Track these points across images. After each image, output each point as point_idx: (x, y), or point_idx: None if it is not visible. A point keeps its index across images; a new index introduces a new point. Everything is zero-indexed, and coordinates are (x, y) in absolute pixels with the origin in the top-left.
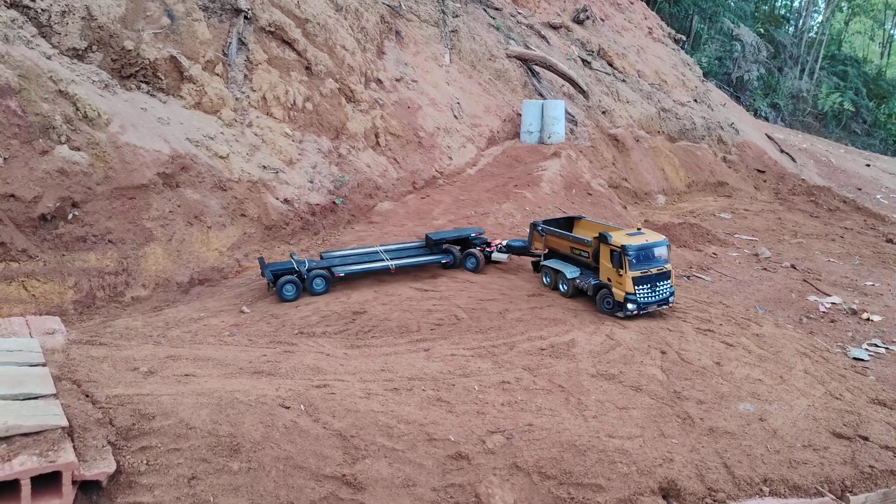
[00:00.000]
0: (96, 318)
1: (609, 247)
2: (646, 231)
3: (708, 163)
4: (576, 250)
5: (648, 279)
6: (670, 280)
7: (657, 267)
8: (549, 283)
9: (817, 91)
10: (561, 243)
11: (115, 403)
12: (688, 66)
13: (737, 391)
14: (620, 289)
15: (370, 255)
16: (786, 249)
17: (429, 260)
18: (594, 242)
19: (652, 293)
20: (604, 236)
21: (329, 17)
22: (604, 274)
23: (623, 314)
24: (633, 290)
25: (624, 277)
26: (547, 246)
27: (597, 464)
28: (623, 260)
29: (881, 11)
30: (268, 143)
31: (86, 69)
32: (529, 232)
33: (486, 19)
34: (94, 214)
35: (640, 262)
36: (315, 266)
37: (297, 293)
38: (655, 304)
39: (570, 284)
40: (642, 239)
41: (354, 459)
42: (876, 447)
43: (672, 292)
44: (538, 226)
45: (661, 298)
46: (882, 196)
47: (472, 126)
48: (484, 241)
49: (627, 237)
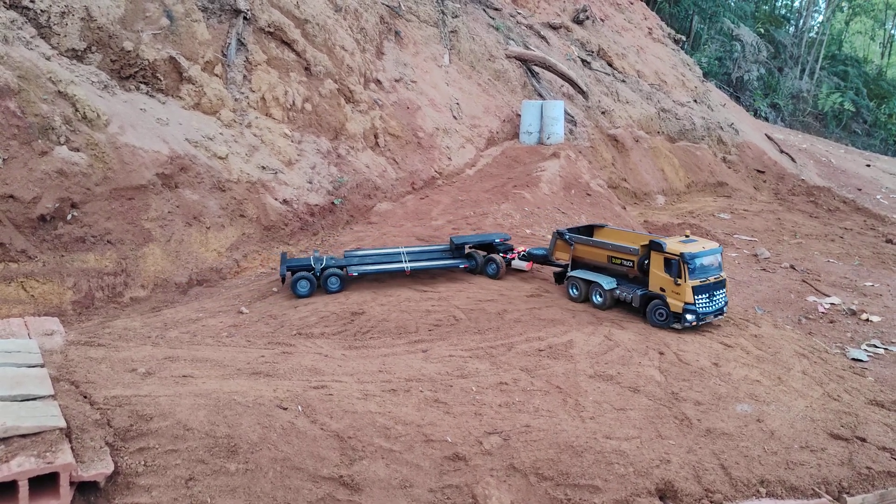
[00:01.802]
0: (95, 318)
1: (664, 255)
2: (697, 238)
3: (707, 163)
4: (616, 259)
5: (707, 288)
6: (725, 289)
7: (714, 275)
8: (577, 294)
9: (817, 91)
10: (595, 252)
11: (114, 404)
12: (687, 67)
13: (734, 392)
14: (678, 299)
15: (392, 256)
16: (785, 250)
17: (446, 264)
18: (641, 250)
19: (710, 303)
20: (657, 244)
21: (328, 18)
22: (655, 284)
23: (681, 325)
24: (692, 299)
25: (682, 287)
26: (574, 255)
27: (594, 465)
28: (682, 268)
29: (882, 11)
30: (267, 144)
31: (85, 70)
32: (552, 241)
33: (485, 20)
34: (93, 215)
35: (699, 271)
36: (331, 264)
37: (311, 290)
38: (713, 315)
39: (607, 296)
40: (699, 246)
41: (352, 460)
42: (873, 448)
43: (726, 301)
44: (565, 234)
45: (717, 308)
46: (882, 196)
47: (471, 126)
48: (509, 247)
49: (683, 245)
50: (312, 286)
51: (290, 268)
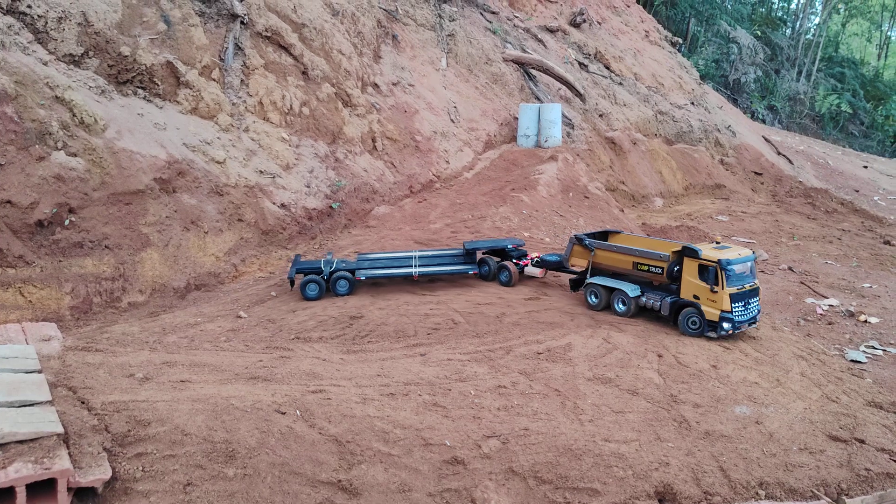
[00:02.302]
0: (93, 323)
1: (699, 261)
2: (730, 244)
3: (705, 165)
4: (642, 266)
5: (742, 296)
6: (759, 297)
7: (749, 283)
8: (597, 302)
9: (814, 93)
10: (618, 258)
11: (111, 410)
12: (684, 69)
13: (733, 394)
14: (714, 307)
15: (404, 261)
16: (783, 252)
17: (455, 269)
18: (672, 256)
19: (745, 311)
20: (691, 250)
21: (325, 22)
22: (687, 291)
23: (716, 334)
24: (729, 307)
25: (719, 295)
26: (593, 261)
27: (593, 468)
28: (720, 276)
29: (878, 13)
30: (265, 148)
31: (82, 75)
32: (568, 246)
33: (482, 23)
34: (91, 220)
35: (734, 278)
36: (339, 267)
37: (320, 293)
38: (747, 323)
39: (632, 303)
40: (734, 253)
41: (350, 465)
42: (872, 450)
43: (759, 310)
44: (584, 240)
45: (751, 317)
46: (879, 198)
47: (468, 130)
48: (522, 253)
49: (719, 251)
50: (321, 289)
51: (299, 270)
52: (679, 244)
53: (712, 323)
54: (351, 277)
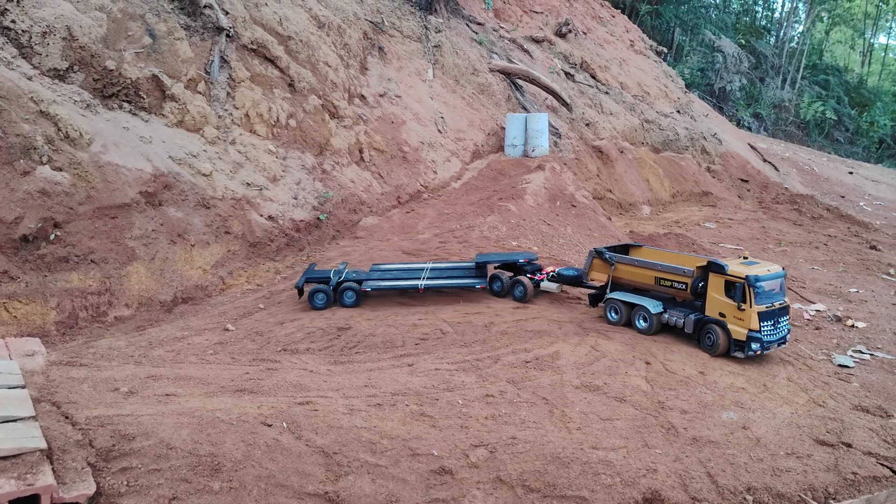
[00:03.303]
0: (79, 338)
1: (725, 277)
2: (759, 260)
3: (692, 173)
4: (665, 281)
5: (772, 315)
6: (789, 316)
7: (779, 301)
8: (617, 318)
9: (799, 100)
10: (639, 273)
11: (95, 424)
12: (670, 78)
13: (720, 400)
14: (741, 325)
15: (415, 272)
16: (770, 258)
17: (461, 283)
18: (697, 272)
19: (774, 330)
20: (718, 265)
21: (312, 35)
22: (713, 308)
23: (743, 354)
24: (758, 326)
25: (747, 313)
26: (614, 276)
27: (580, 476)
28: (748, 293)
29: (861, 21)
30: (251, 160)
31: (67, 89)
32: (588, 260)
33: (468, 34)
34: (77, 234)
35: (763, 296)
36: (349, 278)
37: (328, 303)
38: (776, 343)
39: (653, 320)
40: (763, 269)
41: (337, 476)
42: (859, 454)
43: (789, 329)
44: (604, 254)
45: (781, 337)
46: (865, 203)
47: (456, 140)
48: (536, 267)
49: (747, 267)
50: (329, 299)
51: (309, 279)
52: (704, 259)
53: (739, 342)
54: (357, 288)
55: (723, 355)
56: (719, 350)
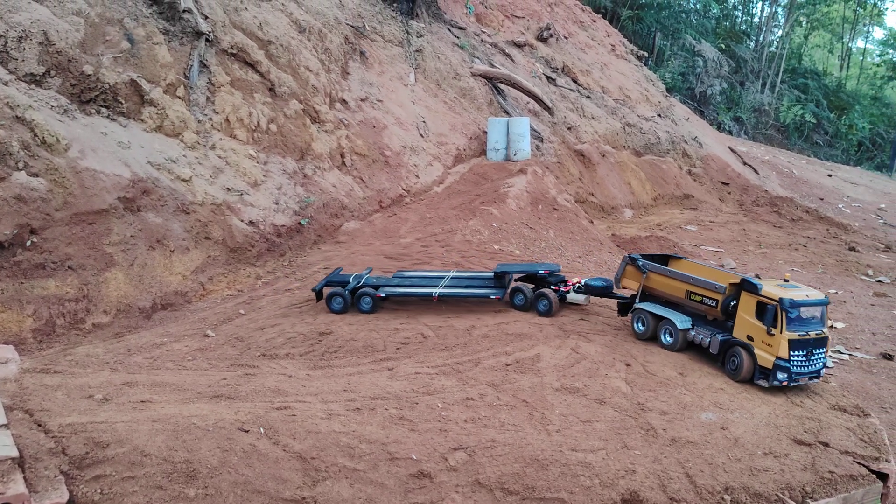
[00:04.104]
0: (56, 346)
1: (758, 298)
2: (800, 284)
3: (673, 176)
4: (695, 296)
5: (805, 344)
6: (826, 349)
7: (815, 331)
8: (643, 330)
9: (779, 104)
10: (671, 284)
11: (69, 432)
12: (651, 82)
13: (699, 401)
14: (769, 352)
15: (435, 280)
16: (751, 260)
17: (477, 293)
18: (729, 289)
19: (806, 362)
20: (751, 284)
21: (292, 39)
22: (741, 330)
23: (767, 383)
24: (787, 355)
25: (776, 338)
26: (645, 285)
27: (560, 477)
28: (779, 317)
29: (839, 25)
30: (232, 165)
31: (44, 94)
32: (621, 266)
33: (450, 39)
34: (54, 241)
35: (798, 323)
36: (369, 283)
37: (345, 307)
38: (807, 377)
39: (679, 336)
40: (802, 294)
41: (315, 481)
42: (836, 452)
43: (825, 363)
44: (637, 260)
45: (814, 370)
46: (844, 205)
47: (438, 144)
48: (560, 279)
49: (783, 289)
50: (346, 304)
51: (328, 283)
52: (738, 277)
53: (765, 370)
54: (374, 294)
55: (745, 382)
56: (741, 375)
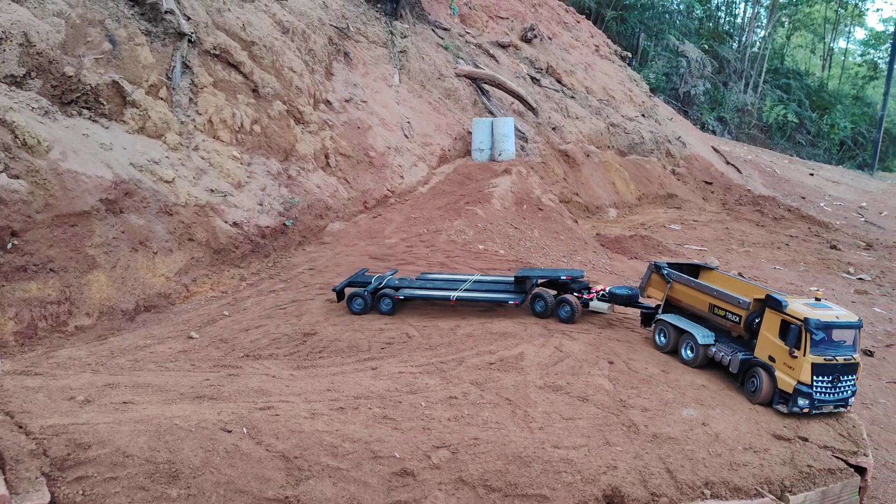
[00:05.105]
0: (38, 348)
1: (782, 316)
2: (831, 304)
3: (657, 176)
4: (719, 310)
5: (831, 369)
6: (857, 375)
7: (844, 356)
8: (664, 343)
9: (762, 104)
10: (695, 296)
11: (50, 434)
12: (634, 82)
13: (681, 397)
14: (790, 375)
15: (456, 283)
16: (734, 258)
17: (494, 298)
18: (754, 305)
19: (832, 389)
20: (775, 300)
21: (276, 40)
22: (763, 349)
23: (787, 409)
24: (809, 380)
25: (798, 361)
26: (669, 296)
27: (542, 474)
28: (803, 337)
29: (821, 25)
30: (215, 167)
31: (25, 96)
32: (646, 274)
33: (434, 39)
34: (35, 243)
35: (824, 345)
36: (390, 285)
37: (365, 308)
38: (832, 405)
39: (699, 351)
40: (831, 314)
41: (298, 480)
42: (815, 447)
43: (854, 391)
44: (662, 268)
45: (840, 398)
46: (825, 204)
47: (423, 145)
48: (583, 285)
49: (810, 308)
50: (366, 305)
51: (350, 283)
52: (765, 291)
53: (784, 394)
54: (393, 295)
55: (764, 405)
56: (759, 398)
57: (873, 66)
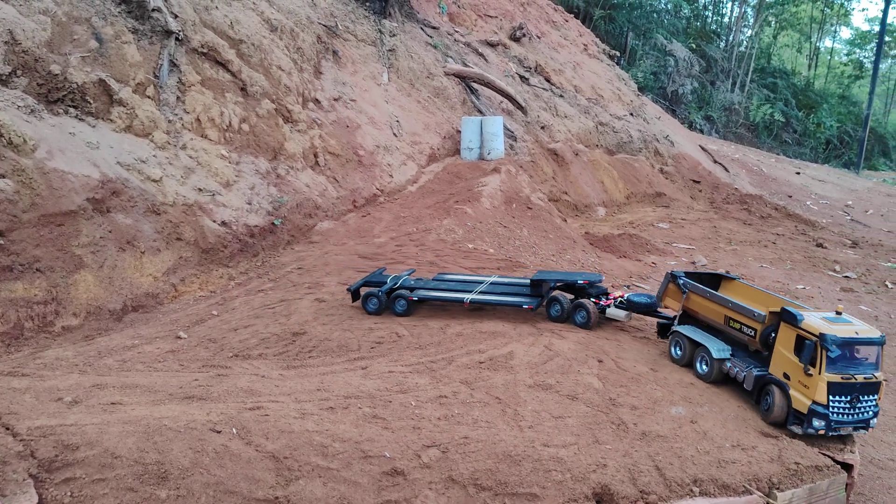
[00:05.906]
0: (25, 349)
1: (797, 331)
2: (852, 318)
3: (645, 174)
4: (734, 322)
5: (850, 389)
6: (879, 395)
7: (865, 374)
8: (680, 356)
9: (749, 103)
10: (711, 308)
11: (38, 435)
12: (623, 81)
13: (670, 396)
14: (805, 394)
15: (471, 285)
16: (721, 256)
17: (508, 301)
18: (769, 318)
19: (850, 410)
20: (789, 314)
21: (264, 38)
22: (778, 366)
23: (801, 430)
24: (825, 399)
25: (814, 379)
26: (685, 306)
27: (532, 473)
28: (819, 354)
29: (807, 25)
30: (203, 166)
31: (10, 95)
32: (663, 283)
33: (423, 38)
34: (21, 243)
35: (842, 363)
36: (405, 286)
37: (380, 308)
38: (851, 426)
39: (714, 366)
40: (850, 330)
41: (288, 481)
42: (802, 444)
43: (876, 412)
44: (679, 277)
45: (860, 419)
46: (812, 202)
47: (412, 144)
48: (601, 290)
49: (828, 323)
50: (381, 305)
51: (366, 283)
52: (781, 302)
53: (799, 414)
54: (408, 296)
55: (778, 425)
56: (773, 417)
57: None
